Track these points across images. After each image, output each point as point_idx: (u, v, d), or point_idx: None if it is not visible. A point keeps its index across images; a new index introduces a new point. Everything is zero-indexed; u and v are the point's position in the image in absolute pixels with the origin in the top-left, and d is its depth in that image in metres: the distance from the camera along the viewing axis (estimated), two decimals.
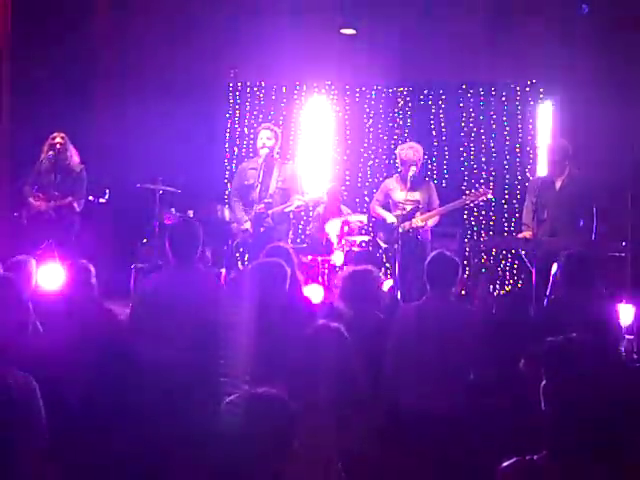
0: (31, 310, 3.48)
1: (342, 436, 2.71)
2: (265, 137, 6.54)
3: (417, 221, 6.66)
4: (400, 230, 6.62)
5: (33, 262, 4.68)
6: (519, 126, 9.04)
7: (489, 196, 6.85)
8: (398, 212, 6.73)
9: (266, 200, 6.46)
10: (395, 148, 9.12)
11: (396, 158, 7.08)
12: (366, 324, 3.69)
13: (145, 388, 3.47)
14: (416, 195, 6.77)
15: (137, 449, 3.15)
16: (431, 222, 6.83)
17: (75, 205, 6.73)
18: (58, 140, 6.84)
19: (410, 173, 6.70)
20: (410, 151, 6.84)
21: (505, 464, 2.04)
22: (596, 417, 1.99)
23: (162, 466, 3.17)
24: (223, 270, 7.41)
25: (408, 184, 6.70)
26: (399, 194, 6.81)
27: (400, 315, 3.86)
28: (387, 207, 7.02)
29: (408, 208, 6.72)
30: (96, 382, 3.30)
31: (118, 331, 3.95)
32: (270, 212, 6.44)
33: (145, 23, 8.95)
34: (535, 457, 2.02)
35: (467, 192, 7.76)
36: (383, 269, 8.03)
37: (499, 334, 3.72)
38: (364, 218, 7.80)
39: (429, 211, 6.79)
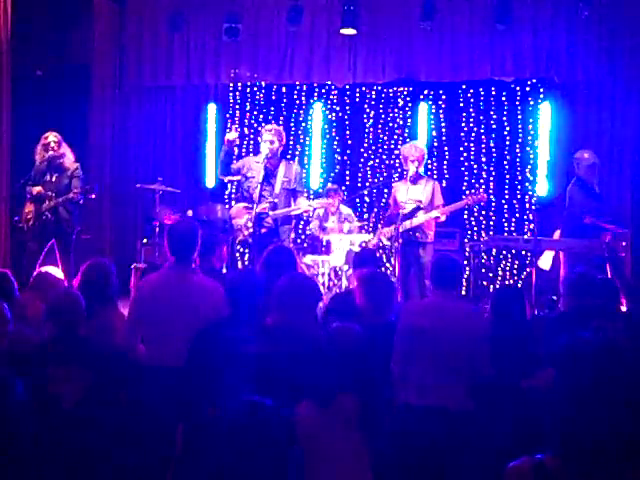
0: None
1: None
2: (268, 139, 6.49)
3: (435, 212, 6.66)
4: (400, 230, 6.62)
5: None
6: (519, 126, 9.05)
7: (486, 200, 6.93)
8: (401, 211, 6.74)
9: (270, 200, 6.43)
10: (395, 148, 9.17)
11: (397, 158, 7.08)
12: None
13: (145, 389, 3.46)
14: (418, 193, 6.76)
15: (137, 450, 3.15)
16: (443, 218, 6.83)
17: (76, 197, 6.64)
18: (51, 139, 6.76)
19: (410, 172, 6.71)
20: (412, 149, 6.85)
21: (513, 463, 2.04)
22: (607, 417, 1.99)
23: (162, 467, 3.16)
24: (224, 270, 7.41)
25: (408, 181, 6.72)
26: (402, 194, 6.81)
27: (404, 312, 3.81)
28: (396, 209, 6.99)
29: (409, 207, 6.72)
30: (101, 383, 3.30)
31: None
32: (272, 213, 6.41)
33: (144, 23, 8.93)
34: (543, 457, 2.02)
35: (467, 192, 7.74)
36: (383, 269, 8.03)
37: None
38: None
39: (432, 210, 6.78)
